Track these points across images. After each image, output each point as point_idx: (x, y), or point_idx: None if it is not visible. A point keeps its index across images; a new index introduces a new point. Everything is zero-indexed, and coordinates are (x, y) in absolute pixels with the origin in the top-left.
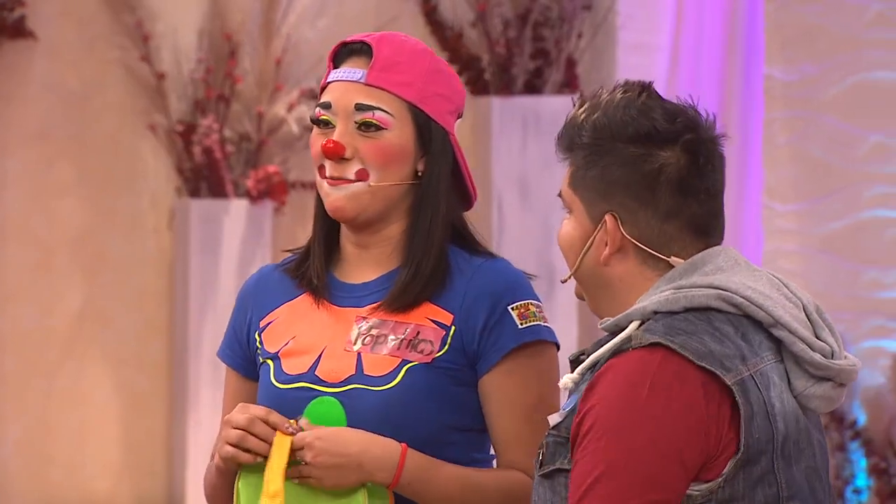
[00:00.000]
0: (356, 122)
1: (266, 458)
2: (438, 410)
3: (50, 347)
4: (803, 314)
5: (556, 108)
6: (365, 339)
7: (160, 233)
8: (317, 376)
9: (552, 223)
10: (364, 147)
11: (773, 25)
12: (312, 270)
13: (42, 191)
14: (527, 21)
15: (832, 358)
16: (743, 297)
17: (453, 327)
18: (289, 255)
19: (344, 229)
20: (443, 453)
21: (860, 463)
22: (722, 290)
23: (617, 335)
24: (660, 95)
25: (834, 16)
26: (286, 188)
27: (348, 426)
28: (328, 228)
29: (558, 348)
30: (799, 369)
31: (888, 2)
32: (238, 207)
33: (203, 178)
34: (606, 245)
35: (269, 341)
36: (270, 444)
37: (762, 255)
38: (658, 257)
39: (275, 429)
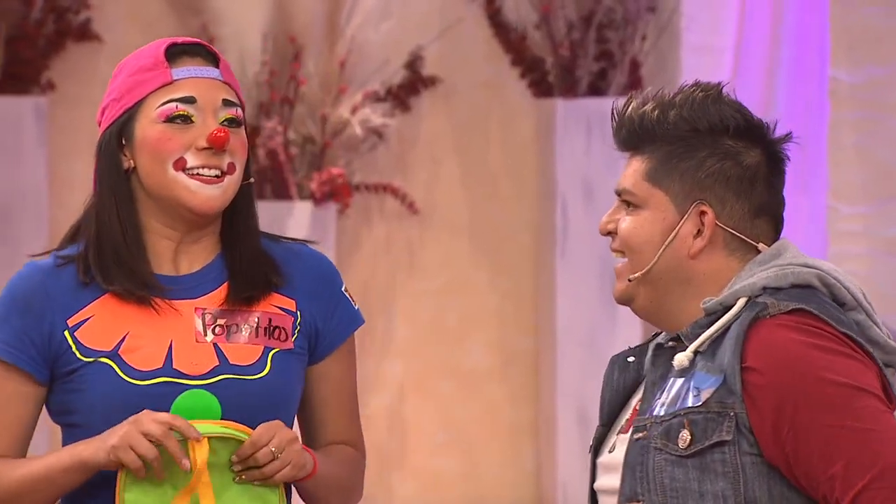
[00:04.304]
0: (222, 119)
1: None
2: (297, 396)
3: None
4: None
5: None
6: (214, 328)
7: None
8: (176, 370)
9: None
10: (232, 142)
11: (838, 27)
12: (126, 268)
13: None
14: (591, 23)
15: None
16: (834, 279)
17: (299, 312)
18: (45, 255)
19: (158, 226)
20: None
21: None
22: (817, 269)
23: (718, 316)
24: None
25: None
26: (350, 190)
27: (223, 417)
28: (134, 221)
29: None
30: None
31: None
32: (302, 209)
33: (267, 180)
34: (694, 237)
35: (92, 340)
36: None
37: (827, 257)
38: (748, 245)
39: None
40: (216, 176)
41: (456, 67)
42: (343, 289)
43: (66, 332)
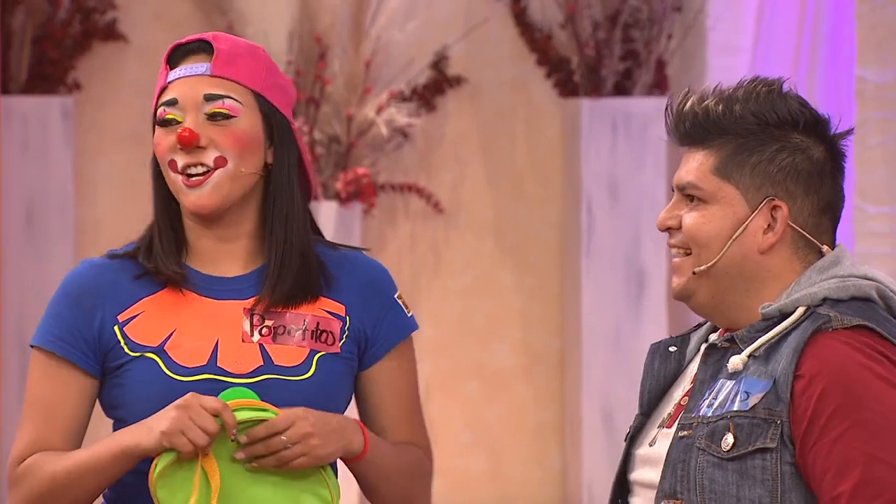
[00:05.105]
0: (206, 114)
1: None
2: (342, 400)
3: None
4: None
5: (646, 110)
6: (262, 330)
7: None
8: (220, 367)
9: (642, 225)
10: (217, 136)
11: (865, 26)
12: (168, 266)
13: (135, 192)
14: (616, 22)
15: None
16: (892, 291)
17: (348, 317)
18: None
19: (193, 224)
20: None
21: None
22: (877, 282)
23: (775, 321)
24: None
25: None
26: (375, 190)
27: None
28: (172, 221)
29: None
30: None
31: None
32: (327, 209)
33: None
34: (764, 232)
35: (140, 335)
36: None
37: (853, 257)
38: (812, 245)
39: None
40: (202, 173)
41: (481, 67)
42: (396, 296)
43: (116, 327)
